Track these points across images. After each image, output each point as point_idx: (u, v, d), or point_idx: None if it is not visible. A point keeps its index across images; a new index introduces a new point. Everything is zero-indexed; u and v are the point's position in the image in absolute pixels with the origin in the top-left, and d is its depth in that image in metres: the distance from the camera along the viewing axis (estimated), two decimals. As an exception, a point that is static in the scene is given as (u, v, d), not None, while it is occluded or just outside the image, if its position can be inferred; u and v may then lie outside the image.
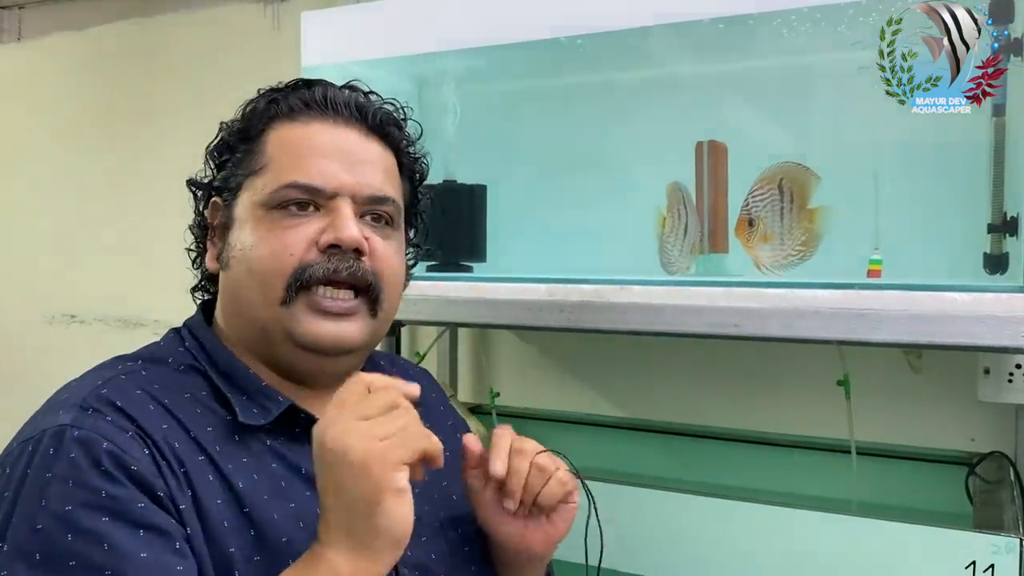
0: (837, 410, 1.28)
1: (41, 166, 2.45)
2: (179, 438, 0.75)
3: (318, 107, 0.85)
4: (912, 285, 0.98)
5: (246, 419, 0.79)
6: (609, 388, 1.68)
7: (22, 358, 2.44)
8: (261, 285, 0.81)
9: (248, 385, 0.82)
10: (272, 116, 0.85)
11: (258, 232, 0.81)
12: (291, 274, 0.80)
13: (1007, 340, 0.93)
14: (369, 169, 0.84)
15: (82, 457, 0.69)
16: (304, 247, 0.80)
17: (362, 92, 0.89)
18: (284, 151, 0.83)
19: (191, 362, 0.83)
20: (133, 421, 0.73)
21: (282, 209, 0.81)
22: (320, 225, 0.81)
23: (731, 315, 1.04)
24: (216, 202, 0.87)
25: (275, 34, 2.04)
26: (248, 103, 0.89)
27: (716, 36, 1.19)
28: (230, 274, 0.84)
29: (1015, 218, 1.05)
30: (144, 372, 0.80)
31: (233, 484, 0.75)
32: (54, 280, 2.42)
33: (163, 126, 2.21)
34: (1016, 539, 0.96)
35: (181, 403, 0.78)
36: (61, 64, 2.41)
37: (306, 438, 0.78)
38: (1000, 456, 1.31)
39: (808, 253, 1.10)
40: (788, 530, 1.06)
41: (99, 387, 0.76)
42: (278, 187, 0.81)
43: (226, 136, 0.88)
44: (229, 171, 0.86)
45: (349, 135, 0.85)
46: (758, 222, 1.11)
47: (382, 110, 0.88)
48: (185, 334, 0.87)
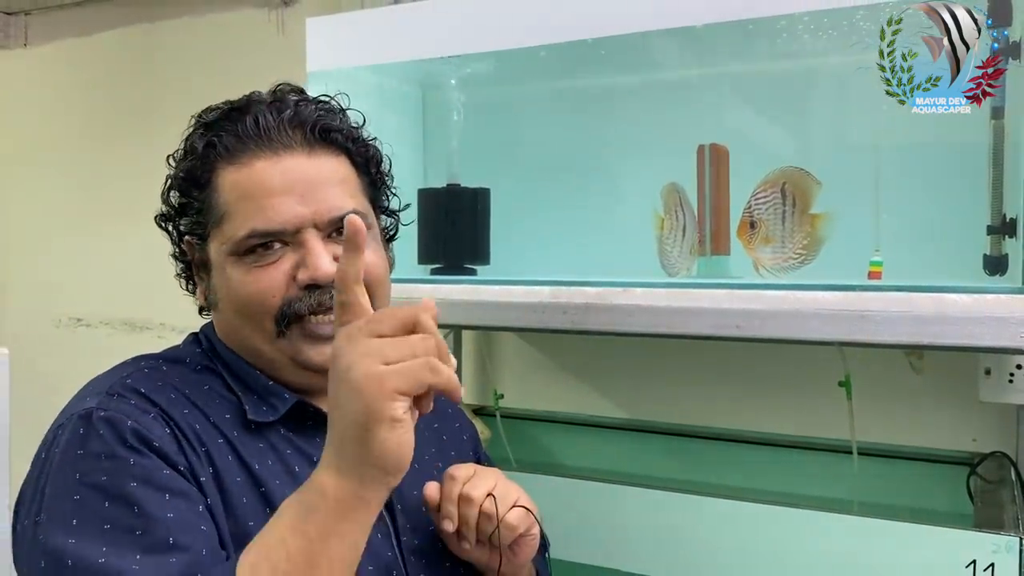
0: (838, 411, 1.28)
1: (47, 171, 2.46)
2: (199, 421, 0.80)
3: (254, 140, 0.84)
4: (913, 286, 0.98)
5: (255, 416, 0.83)
6: (612, 389, 1.69)
7: (29, 361, 2.45)
8: (252, 324, 0.84)
9: (256, 384, 0.86)
10: (214, 160, 0.85)
11: (235, 277, 0.84)
12: (277, 312, 0.83)
13: (1007, 341, 0.93)
14: (325, 190, 0.84)
15: (109, 433, 0.74)
16: (283, 285, 0.83)
17: (291, 102, 0.87)
18: (237, 198, 0.83)
19: (207, 363, 0.88)
20: (155, 404, 0.79)
21: (252, 253, 0.83)
22: (293, 259, 0.83)
23: (733, 317, 1.04)
24: (190, 241, 0.89)
25: (280, 39, 2.05)
26: (187, 139, 0.90)
27: (716, 40, 1.20)
28: (221, 315, 0.88)
29: (1014, 220, 1.05)
30: (164, 368, 0.86)
31: (250, 466, 0.80)
32: (61, 284, 2.44)
33: (169, 131, 2.21)
34: (1016, 538, 0.96)
35: (200, 394, 0.83)
36: (67, 70, 2.42)
37: (317, 430, 0.84)
38: (1001, 456, 1.31)
39: (809, 257, 1.11)
40: (790, 530, 1.07)
41: (123, 377, 0.82)
42: (242, 237, 0.82)
43: (177, 184, 0.89)
44: (193, 218, 0.88)
45: (294, 163, 0.84)
46: (760, 224, 1.12)
47: (319, 118, 0.87)
48: (202, 339, 0.92)
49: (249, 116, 0.85)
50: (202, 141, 0.86)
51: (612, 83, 1.41)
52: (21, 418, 1.48)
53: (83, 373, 0.86)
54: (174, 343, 0.94)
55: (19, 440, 1.52)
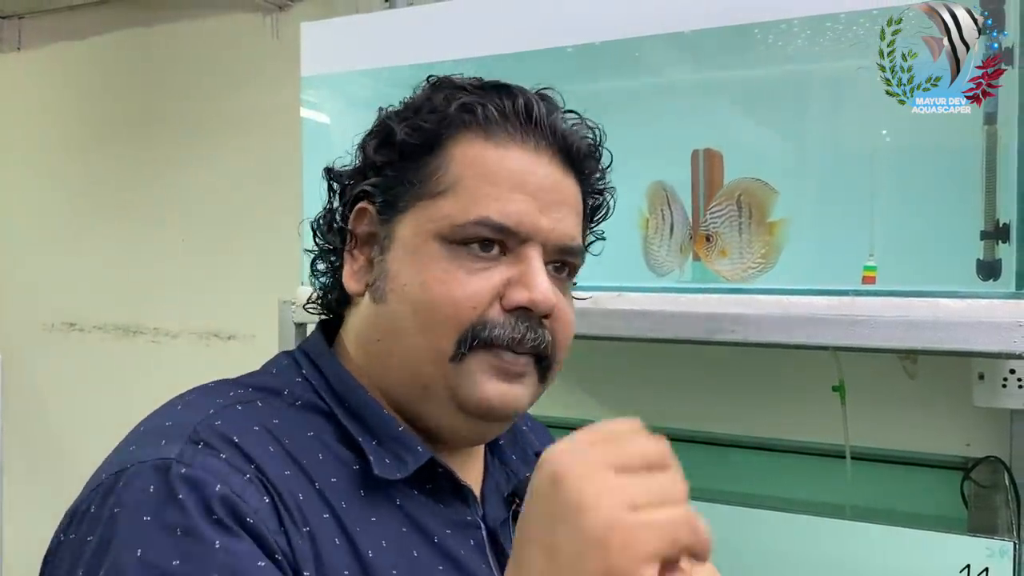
0: (832, 415, 1.29)
1: (41, 175, 2.46)
2: (303, 489, 0.63)
3: (520, 125, 0.71)
4: (906, 291, 0.99)
5: (382, 471, 0.66)
6: (605, 394, 1.69)
7: (21, 366, 2.44)
8: (430, 334, 0.67)
9: (382, 429, 0.69)
10: (462, 125, 0.71)
11: (432, 270, 0.67)
12: (467, 329, 0.67)
13: (1000, 345, 0.94)
14: (565, 212, 0.71)
15: (192, 500, 0.57)
16: (487, 299, 0.67)
17: (557, 108, 0.75)
18: (476, 176, 0.69)
19: (311, 397, 0.70)
20: (251, 461, 0.61)
21: (464, 246, 0.68)
22: (506, 274, 0.68)
23: (726, 321, 1.04)
24: (366, 210, 0.73)
25: (275, 44, 2.05)
26: (424, 94, 0.74)
27: (709, 44, 1.20)
28: (385, 310, 0.70)
29: (1007, 225, 1.06)
30: (260, 404, 0.67)
31: (361, 552, 0.63)
32: (53, 288, 2.43)
33: (163, 135, 2.22)
34: (1010, 543, 0.97)
35: (304, 445, 0.66)
36: (61, 74, 2.42)
37: (440, 498, 0.70)
38: (995, 460, 1.31)
39: (768, 265, 1.11)
40: (784, 534, 1.07)
41: (211, 416, 0.63)
42: (467, 221, 0.67)
43: (396, 135, 0.72)
44: (393, 180, 0.71)
45: (549, 168, 0.71)
46: (715, 237, 1.13)
47: (584, 142, 0.74)
48: (303, 361, 0.73)
49: (520, 98, 0.72)
50: (454, 102, 0.71)
51: (610, 87, 1.42)
52: (13, 423, 1.48)
53: (76, 378, 0.84)
54: (167, 348, 0.88)
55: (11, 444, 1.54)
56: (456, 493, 0.71)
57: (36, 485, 2.30)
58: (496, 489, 0.78)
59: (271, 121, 1.98)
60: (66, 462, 2.29)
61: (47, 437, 2.38)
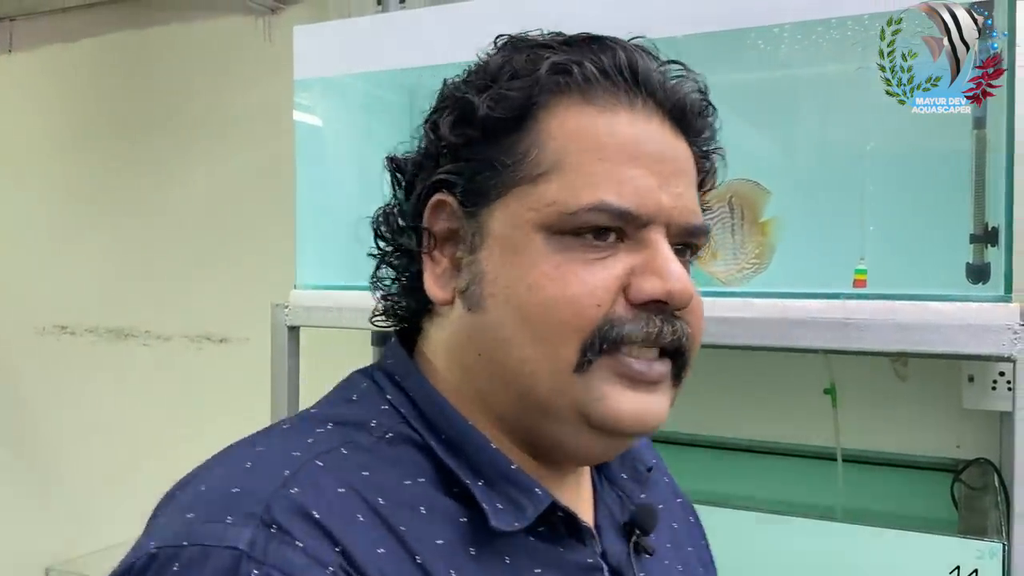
0: (824, 418, 1.29)
1: (32, 177, 2.45)
2: (400, 567, 0.52)
3: (623, 84, 0.59)
4: (897, 294, 0.99)
5: (499, 523, 0.55)
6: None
7: (12, 370, 2.43)
8: (547, 344, 0.56)
9: (491, 468, 0.58)
10: (558, 89, 0.59)
11: (540, 267, 0.56)
12: (593, 331, 0.56)
13: (990, 348, 0.95)
14: (684, 184, 0.60)
15: None
16: (612, 293, 0.56)
17: (660, 60, 0.62)
18: (583, 151, 0.57)
19: (402, 428, 0.59)
20: (337, 545, 0.50)
21: (576, 236, 0.56)
22: (628, 262, 0.57)
23: (719, 324, 1.05)
24: (446, 202, 0.61)
25: (267, 47, 2.05)
26: (501, 58, 0.62)
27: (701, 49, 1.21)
28: (485, 319, 0.58)
29: (996, 229, 1.07)
30: (345, 451, 0.56)
31: None
32: (45, 291, 2.42)
33: (154, 138, 2.22)
34: (1000, 544, 0.97)
35: (401, 500, 0.54)
36: (53, 76, 2.42)
37: (557, 540, 0.59)
38: (985, 462, 1.32)
39: (762, 265, 1.11)
40: (774, 537, 1.07)
41: (287, 483, 0.51)
42: (580, 208, 0.56)
43: (476, 109, 0.59)
44: (477, 165, 0.59)
45: (661, 133, 0.60)
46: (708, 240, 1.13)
47: (696, 98, 0.62)
48: (384, 383, 0.62)
49: (621, 52, 0.59)
50: (543, 63, 0.59)
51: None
52: (4, 426, 1.48)
53: (68, 381, 0.84)
54: (160, 351, 0.84)
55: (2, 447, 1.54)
56: (572, 531, 0.61)
57: (27, 487, 2.29)
58: (610, 516, 0.67)
59: (264, 124, 1.98)
60: (57, 465, 2.28)
61: (38, 441, 2.37)
